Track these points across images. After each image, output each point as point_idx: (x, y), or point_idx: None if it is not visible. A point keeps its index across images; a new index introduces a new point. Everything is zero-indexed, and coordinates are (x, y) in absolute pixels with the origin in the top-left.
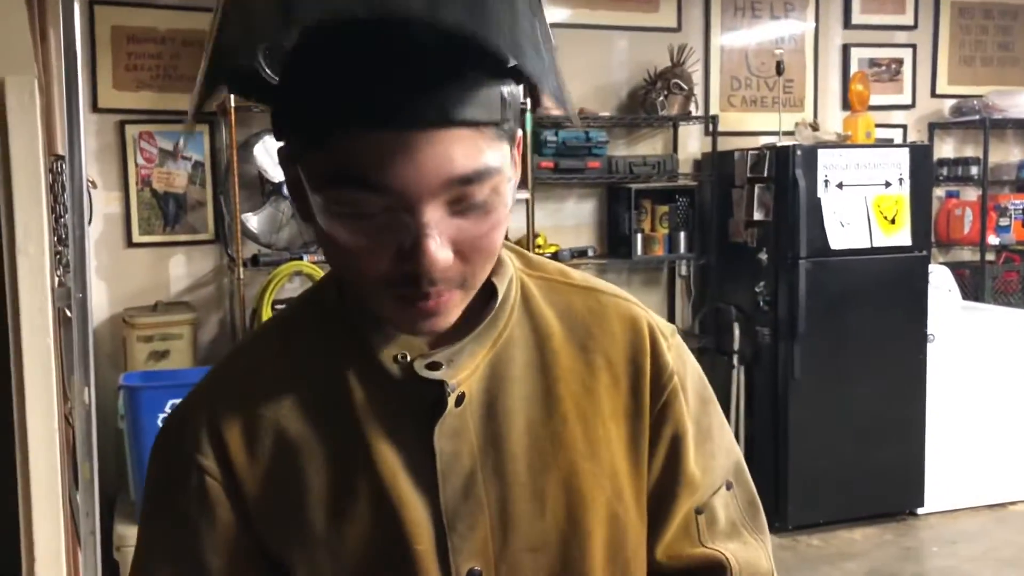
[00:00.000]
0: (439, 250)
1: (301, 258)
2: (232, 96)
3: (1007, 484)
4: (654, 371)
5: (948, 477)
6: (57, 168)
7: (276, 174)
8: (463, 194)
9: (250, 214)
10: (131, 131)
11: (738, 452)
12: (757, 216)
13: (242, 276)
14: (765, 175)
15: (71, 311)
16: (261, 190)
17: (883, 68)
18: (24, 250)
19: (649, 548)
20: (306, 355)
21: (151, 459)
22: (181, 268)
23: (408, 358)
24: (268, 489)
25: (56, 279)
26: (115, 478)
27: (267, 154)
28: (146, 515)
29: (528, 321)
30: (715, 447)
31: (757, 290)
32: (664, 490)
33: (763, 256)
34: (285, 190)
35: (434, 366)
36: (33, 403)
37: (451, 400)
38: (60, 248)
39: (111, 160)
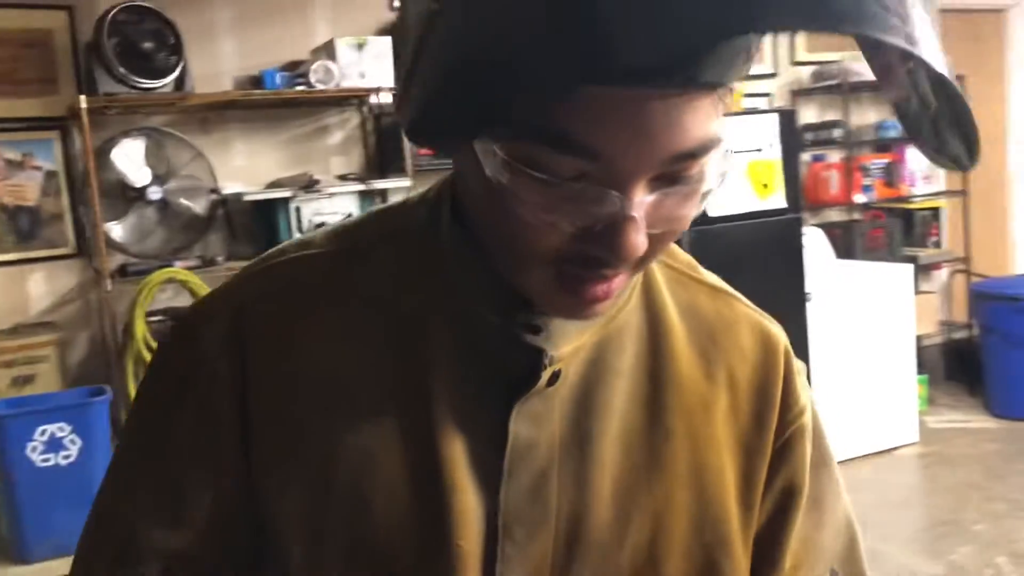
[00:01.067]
0: (638, 236)
1: (172, 265)
2: (84, 98)
3: (891, 430)
4: (783, 403)
5: (837, 429)
6: None
7: (138, 179)
8: (677, 170)
9: (113, 223)
10: None
11: (855, 529)
12: None
13: (109, 289)
14: None
15: None
16: (123, 197)
17: None
18: None
19: None
20: (373, 276)
21: (153, 359)
22: (41, 286)
23: (503, 314)
24: (289, 421)
25: None
26: None
27: (127, 159)
28: (130, 427)
29: (646, 310)
30: (824, 518)
31: None
32: (763, 553)
33: None
34: (150, 195)
35: (534, 329)
36: None
37: (545, 376)
38: None
39: None
